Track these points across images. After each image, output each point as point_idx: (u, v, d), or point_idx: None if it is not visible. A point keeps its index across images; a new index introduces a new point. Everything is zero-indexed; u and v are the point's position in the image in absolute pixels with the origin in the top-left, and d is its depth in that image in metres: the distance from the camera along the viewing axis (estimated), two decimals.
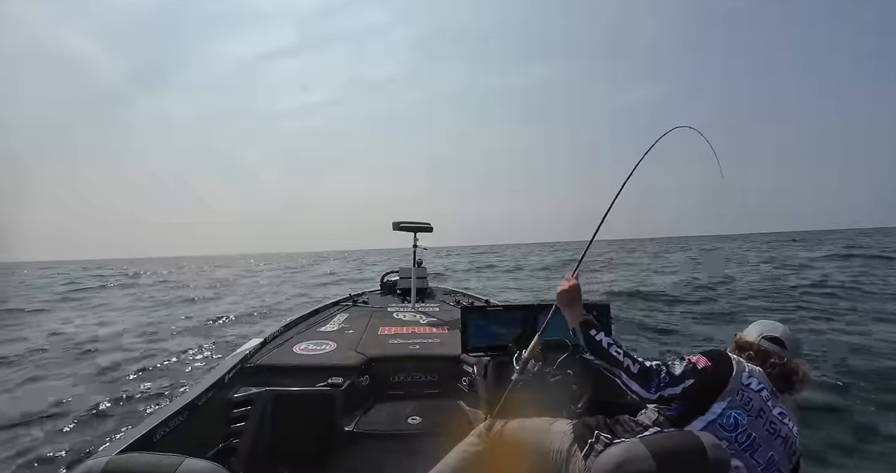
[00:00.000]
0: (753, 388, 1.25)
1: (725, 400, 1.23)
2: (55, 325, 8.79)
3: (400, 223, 4.05)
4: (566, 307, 1.52)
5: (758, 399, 1.24)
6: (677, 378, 1.28)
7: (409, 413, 2.14)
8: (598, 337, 1.39)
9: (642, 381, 1.29)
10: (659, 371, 1.30)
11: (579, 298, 1.54)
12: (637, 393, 1.30)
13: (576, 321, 1.47)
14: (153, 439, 1.53)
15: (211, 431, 1.92)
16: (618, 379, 1.33)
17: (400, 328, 3.10)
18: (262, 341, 2.60)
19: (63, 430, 3.57)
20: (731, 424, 1.21)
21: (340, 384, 2.13)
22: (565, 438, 1.39)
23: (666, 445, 1.11)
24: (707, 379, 1.26)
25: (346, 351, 2.50)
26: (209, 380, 2.00)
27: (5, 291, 19.10)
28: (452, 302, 4.20)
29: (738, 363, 1.29)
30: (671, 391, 1.27)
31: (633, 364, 1.31)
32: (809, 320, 6.83)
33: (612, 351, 1.35)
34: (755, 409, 1.23)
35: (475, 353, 2.19)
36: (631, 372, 1.30)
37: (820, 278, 11.64)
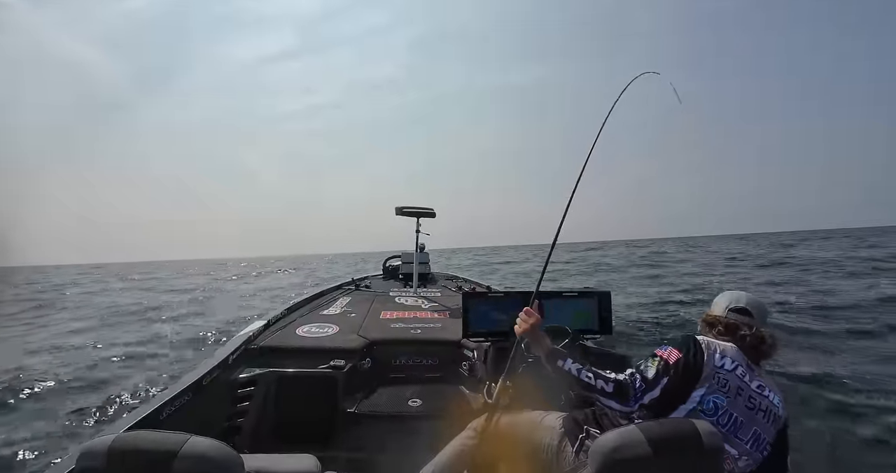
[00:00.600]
0: (727, 368, 1.25)
1: (703, 387, 1.23)
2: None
3: (403, 208, 4.04)
4: (531, 342, 1.53)
5: (733, 378, 1.24)
6: (652, 380, 1.28)
7: (410, 396, 2.17)
8: (567, 367, 1.38)
9: (620, 397, 1.29)
10: (633, 380, 1.29)
11: (539, 333, 1.54)
12: (619, 410, 1.30)
13: (544, 353, 1.47)
14: (159, 417, 1.56)
15: (216, 410, 1.96)
16: (597, 401, 1.33)
17: (402, 312, 3.13)
18: (265, 323, 2.63)
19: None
20: (710, 409, 1.22)
21: (342, 366, 2.16)
22: (555, 433, 1.41)
23: (661, 431, 1.12)
24: (682, 371, 1.26)
25: (349, 335, 2.53)
26: (214, 361, 2.03)
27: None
28: (454, 288, 4.22)
29: (707, 346, 1.28)
30: (650, 396, 1.27)
31: (607, 383, 1.31)
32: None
33: (582, 378, 1.34)
34: (732, 389, 1.23)
35: (476, 338, 2.21)
36: (606, 392, 1.30)
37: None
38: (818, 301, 7.93)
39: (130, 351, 6.16)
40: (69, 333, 8.00)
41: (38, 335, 7.96)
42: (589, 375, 1.34)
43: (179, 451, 0.80)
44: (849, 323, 6.18)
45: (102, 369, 5.23)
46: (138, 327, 8.45)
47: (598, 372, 1.35)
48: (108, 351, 6.21)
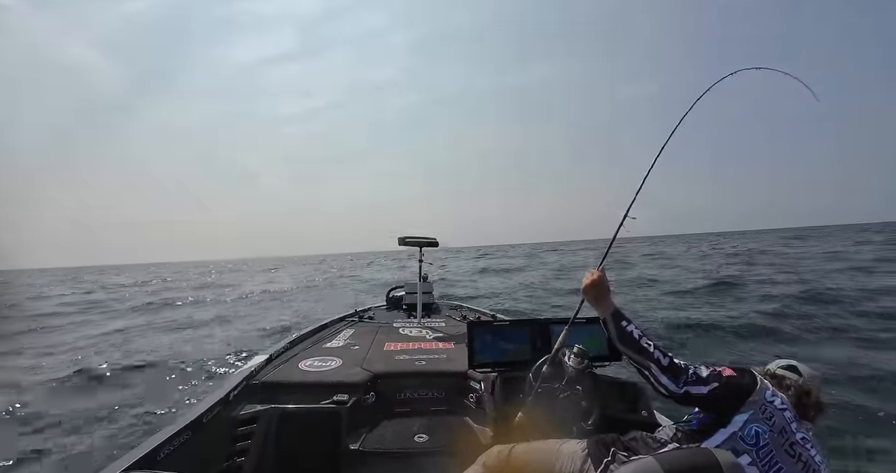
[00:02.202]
0: (777, 406, 1.21)
1: (748, 412, 1.19)
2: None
3: (405, 238, 4.07)
4: (594, 300, 1.48)
5: (780, 417, 1.19)
6: (704, 379, 1.27)
7: (416, 430, 2.10)
8: (629, 328, 1.39)
9: (672, 374, 1.28)
10: (687, 368, 1.29)
11: (607, 290, 1.49)
12: (665, 387, 1.28)
13: (607, 312, 1.44)
14: (157, 457, 1.51)
15: (216, 449, 1.90)
16: (647, 370, 1.32)
17: (406, 344, 3.08)
18: (267, 357, 2.59)
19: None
20: (751, 437, 1.16)
21: (346, 401, 2.11)
22: (577, 458, 1.34)
23: (680, 462, 1.08)
24: (731, 387, 1.24)
25: (352, 368, 2.48)
26: (214, 397, 1.99)
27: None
28: (458, 317, 4.17)
29: (762, 380, 1.26)
30: (698, 390, 1.26)
31: (664, 357, 1.31)
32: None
33: (643, 343, 1.35)
34: (777, 426, 1.18)
35: (482, 369, 2.17)
36: (661, 364, 1.30)
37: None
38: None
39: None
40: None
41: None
42: (649, 342, 1.35)
43: None
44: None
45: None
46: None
47: (657, 344, 1.35)
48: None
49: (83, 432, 4.21)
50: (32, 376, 6.23)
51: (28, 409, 4.89)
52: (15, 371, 6.64)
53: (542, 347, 2.11)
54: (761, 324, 7.20)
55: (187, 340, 8.60)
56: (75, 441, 4.08)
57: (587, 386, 1.81)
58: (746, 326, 7.12)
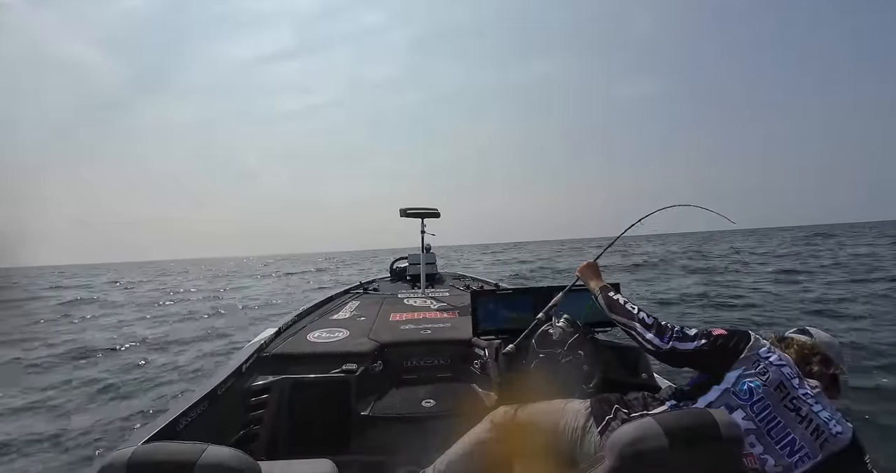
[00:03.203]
0: (773, 361, 1.22)
1: (739, 368, 1.21)
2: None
3: (407, 209, 4.05)
4: (588, 278, 1.77)
5: (776, 372, 1.20)
6: (689, 336, 1.33)
7: (423, 396, 2.17)
8: (615, 297, 1.57)
9: (657, 331, 1.37)
10: (672, 327, 1.37)
11: (597, 271, 1.79)
12: (651, 341, 1.37)
13: (597, 286, 1.69)
14: (176, 428, 1.58)
15: (231, 419, 1.97)
16: (633, 331, 1.43)
17: (411, 314, 3.13)
18: (276, 330, 2.64)
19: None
20: (744, 392, 1.18)
21: (354, 370, 2.17)
22: (580, 416, 1.39)
23: (678, 422, 1.11)
24: (721, 344, 1.27)
25: (359, 338, 2.53)
26: (227, 370, 2.05)
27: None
28: (462, 287, 4.21)
29: (758, 339, 1.27)
30: (684, 346, 1.32)
31: (648, 317, 1.43)
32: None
33: (627, 307, 1.50)
34: (773, 381, 1.19)
35: (486, 337, 2.21)
36: (646, 323, 1.41)
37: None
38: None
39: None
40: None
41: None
42: (634, 306, 1.49)
43: (198, 461, 0.81)
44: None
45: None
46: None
47: (644, 306, 1.49)
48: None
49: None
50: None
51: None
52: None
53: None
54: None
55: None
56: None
57: (588, 350, 1.85)
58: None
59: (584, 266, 1.82)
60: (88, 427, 3.94)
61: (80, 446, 3.59)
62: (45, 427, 4.06)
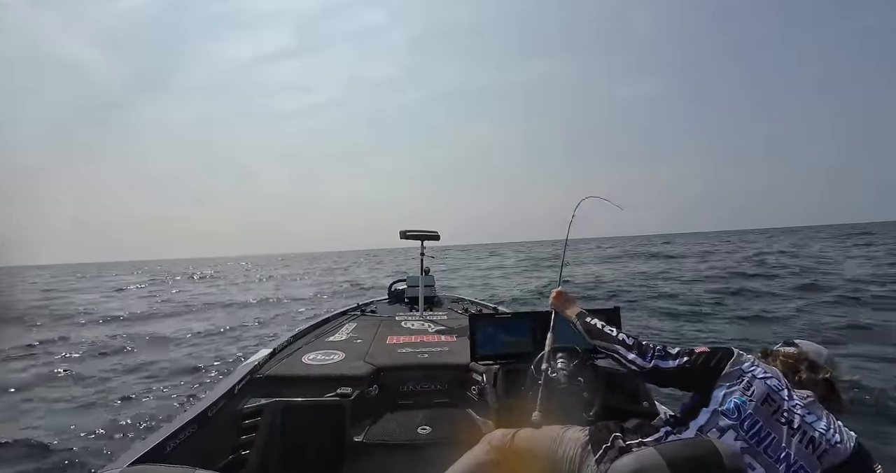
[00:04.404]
0: (757, 375, 1.20)
1: (724, 386, 1.20)
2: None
3: (407, 232, 4.06)
4: (562, 308, 1.79)
5: (761, 384, 1.17)
6: (672, 354, 1.35)
7: (419, 422, 2.12)
8: (593, 322, 1.60)
9: (638, 351, 1.40)
10: (654, 346, 1.40)
11: (570, 300, 1.81)
12: (633, 362, 1.39)
13: (573, 314, 1.71)
14: (164, 450, 1.53)
15: (221, 442, 1.92)
16: (615, 354, 1.45)
17: (408, 337, 3.09)
18: (270, 351, 2.60)
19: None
20: (732, 410, 1.15)
21: (350, 394, 2.13)
22: (578, 444, 1.37)
23: (680, 452, 1.09)
24: (702, 362, 1.28)
25: (355, 361, 2.49)
26: (219, 391, 2.00)
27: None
28: (460, 310, 4.18)
29: (741, 354, 1.27)
30: (665, 364, 1.33)
31: (628, 338, 1.46)
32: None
33: (606, 331, 1.53)
34: (758, 395, 1.16)
35: (484, 361, 2.18)
36: (626, 344, 1.44)
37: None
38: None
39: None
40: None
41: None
42: (612, 329, 1.52)
43: None
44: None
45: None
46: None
47: (621, 329, 1.53)
48: None
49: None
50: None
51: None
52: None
53: (543, 339, 2.13)
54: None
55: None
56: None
57: (588, 377, 1.82)
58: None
59: (554, 297, 1.84)
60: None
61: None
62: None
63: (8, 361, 6.90)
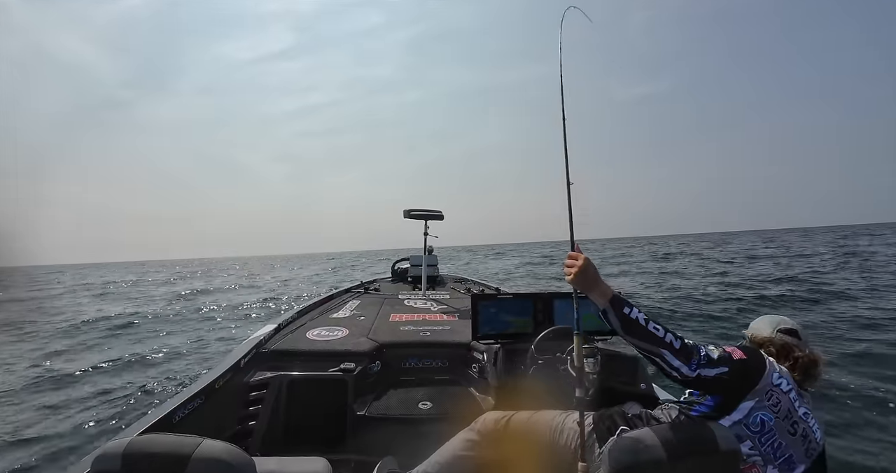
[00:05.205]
0: (783, 389, 1.20)
1: (754, 400, 1.18)
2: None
3: (410, 211, 4.05)
4: (588, 289, 1.26)
5: (786, 401, 1.19)
6: (715, 361, 1.19)
7: (420, 398, 2.16)
8: (634, 315, 1.21)
9: (685, 358, 1.17)
10: (698, 349, 1.20)
11: (596, 275, 1.27)
12: (678, 370, 1.17)
13: (605, 299, 1.23)
14: (172, 421, 1.58)
15: (228, 414, 1.98)
16: (658, 358, 1.19)
17: (411, 315, 3.13)
18: (276, 327, 2.65)
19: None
20: (756, 424, 1.17)
21: (352, 369, 2.17)
22: (576, 435, 1.33)
23: (676, 434, 1.11)
24: (740, 371, 1.20)
25: (358, 338, 2.53)
26: (225, 365, 2.05)
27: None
28: (463, 290, 4.21)
29: (770, 362, 1.24)
30: (707, 372, 1.18)
31: (675, 339, 1.19)
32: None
33: (650, 329, 1.19)
34: (783, 411, 1.18)
35: (486, 340, 2.21)
36: (674, 348, 1.17)
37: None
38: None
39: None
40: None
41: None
42: (657, 326, 1.20)
43: (193, 454, 0.81)
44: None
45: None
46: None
47: (666, 325, 1.23)
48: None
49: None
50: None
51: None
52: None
53: (544, 321, 2.14)
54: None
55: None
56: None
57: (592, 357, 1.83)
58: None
59: (575, 272, 1.27)
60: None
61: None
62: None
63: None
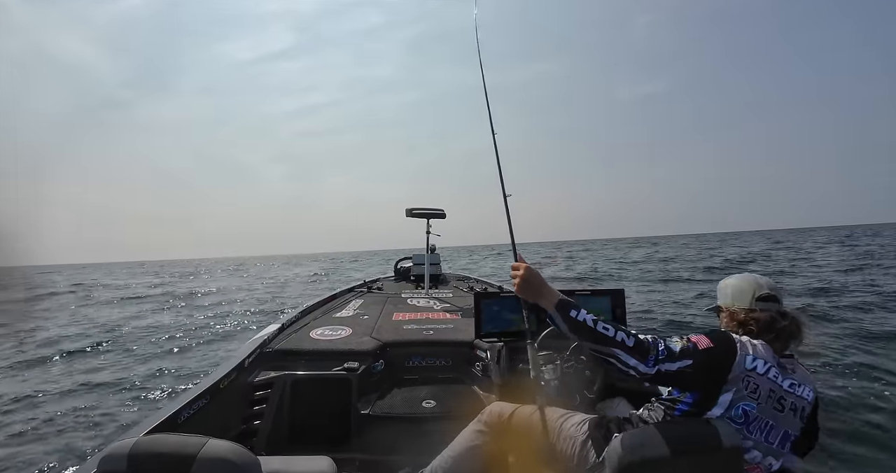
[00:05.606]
0: (760, 371, 1.14)
1: (731, 391, 1.13)
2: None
3: (413, 210, 4.05)
4: (534, 296, 1.34)
5: (765, 382, 1.14)
6: (676, 354, 1.15)
7: (424, 397, 2.17)
8: (581, 317, 1.21)
9: (640, 355, 1.15)
10: (656, 344, 1.17)
11: (541, 281, 1.34)
12: (635, 368, 1.15)
13: (551, 304, 1.27)
14: (177, 421, 1.59)
15: (232, 413, 1.99)
16: (613, 358, 1.17)
17: (414, 314, 3.13)
18: (279, 326, 2.66)
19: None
20: (740, 416, 1.13)
21: (356, 368, 2.17)
22: (577, 442, 1.33)
23: (679, 431, 1.11)
24: (708, 362, 1.15)
25: (362, 337, 2.54)
26: (230, 364, 2.06)
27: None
28: (466, 289, 4.21)
29: (741, 346, 1.17)
30: (668, 367, 1.14)
31: (628, 337, 1.16)
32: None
33: (599, 329, 1.18)
34: (765, 395, 1.13)
35: (489, 339, 2.21)
36: (626, 346, 1.15)
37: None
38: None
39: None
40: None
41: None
42: (607, 326, 1.18)
43: (198, 454, 0.81)
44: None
45: None
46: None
47: (617, 324, 1.21)
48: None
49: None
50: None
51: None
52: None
53: (546, 319, 2.14)
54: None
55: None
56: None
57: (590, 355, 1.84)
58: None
59: (520, 280, 1.35)
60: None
61: None
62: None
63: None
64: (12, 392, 4.67)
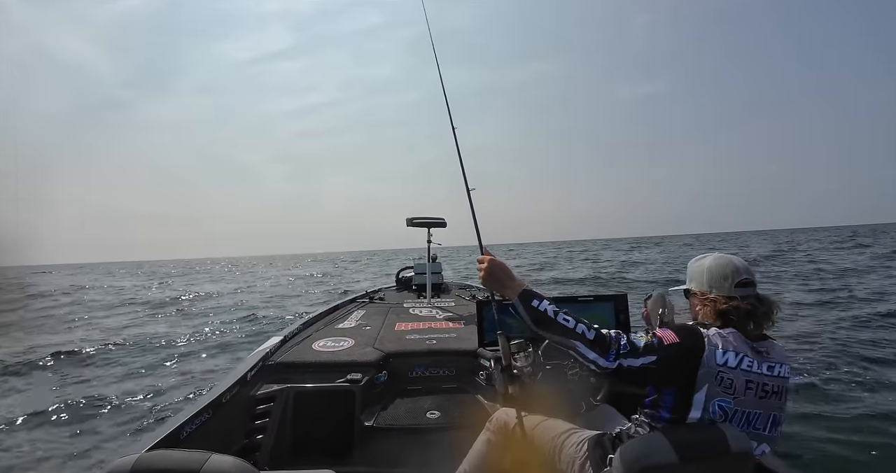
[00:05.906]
0: (732, 365, 1.11)
1: (703, 390, 1.10)
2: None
3: (413, 219, 4.06)
4: (499, 288, 1.35)
5: (739, 375, 1.11)
6: (640, 350, 1.12)
7: (428, 407, 2.15)
8: (542, 307, 1.19)
9: (600, 349, 1.12)
10: (618, 339, 1.14)
11: (508, 273, 1.34)
12: (595, 362, 1.13)
13: (514, 295, 1.26)
14: (180, 436, 1.57)
15: (235, 427, 1.97)
16: (572, 351, 1.15)
17: (416, 323, 3.12)
18: (282, 339, 2.65)
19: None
20: (717, 413, 1.11)
21: (359, 380, 2.16)
22: (576, 463, 1.32)
23: (687, 436, 1.10)
24: (672, 358, 1.12)
25: (364, 348, 2.53)
26: (232, 378, 2.05)
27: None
28: (468, 297, 4.20)
29: (709, 340, 1.13)
30: (630, 362, 1.11)
31: (589, 330, 1.15)
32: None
33: (559, 320, 1.17)
34: (740, 388, 1.11)
35: (492, 347, 2.19)
36: (587, 338, 1.13)
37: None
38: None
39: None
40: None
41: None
42: (567, 318, 1.17)
43: (201, 470, 0.81)
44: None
45: None
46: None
47: (578, 316, 1.19)
48: None
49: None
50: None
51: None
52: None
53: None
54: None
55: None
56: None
57: None
58: None
59: (484, 274, 1.37)
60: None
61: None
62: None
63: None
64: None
